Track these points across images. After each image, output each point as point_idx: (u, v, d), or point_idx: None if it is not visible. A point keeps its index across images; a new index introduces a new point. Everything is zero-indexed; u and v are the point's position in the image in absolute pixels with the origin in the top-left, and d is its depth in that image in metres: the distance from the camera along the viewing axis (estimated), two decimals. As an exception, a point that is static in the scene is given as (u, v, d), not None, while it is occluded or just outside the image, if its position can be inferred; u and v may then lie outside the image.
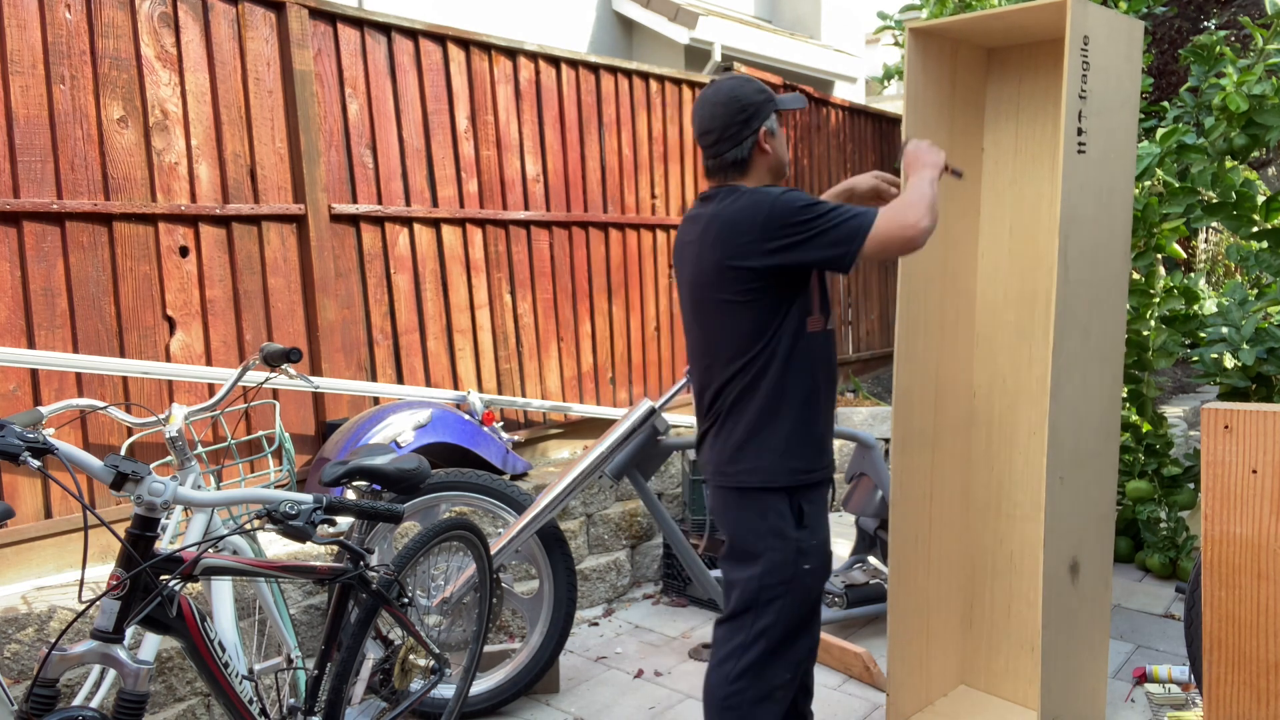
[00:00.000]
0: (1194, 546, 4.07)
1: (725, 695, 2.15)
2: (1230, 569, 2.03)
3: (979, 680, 3.11)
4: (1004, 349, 2.98)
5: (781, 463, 2.13)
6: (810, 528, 2.17)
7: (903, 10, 6.10)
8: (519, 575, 3.70)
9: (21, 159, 2.88)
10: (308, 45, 3.50)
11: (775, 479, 2.13)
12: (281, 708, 2.48)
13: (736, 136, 2.16)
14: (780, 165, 2.23)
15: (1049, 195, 2.86)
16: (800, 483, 2.16)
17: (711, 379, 2.19)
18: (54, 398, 2.96)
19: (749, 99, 2.15)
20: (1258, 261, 4.06)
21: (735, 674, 2.15)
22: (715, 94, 2.18)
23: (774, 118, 2.18)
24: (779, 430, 2.13)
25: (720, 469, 2.19)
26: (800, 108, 2.26)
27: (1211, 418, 2.02)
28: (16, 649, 2.55)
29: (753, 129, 2.15)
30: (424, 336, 3.96)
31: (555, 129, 4.42)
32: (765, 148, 2.17)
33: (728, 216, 2.09)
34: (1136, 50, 2.61)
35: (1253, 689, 2.02)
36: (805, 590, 2.17)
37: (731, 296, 2.09)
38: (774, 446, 2.13)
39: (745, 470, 2.15)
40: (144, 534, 1.70)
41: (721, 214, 2.10)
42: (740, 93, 2.15)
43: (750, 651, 2.15)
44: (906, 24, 2.81)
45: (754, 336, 2.10)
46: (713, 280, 2.11)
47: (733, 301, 2.09)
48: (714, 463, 2.21)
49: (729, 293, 2.09)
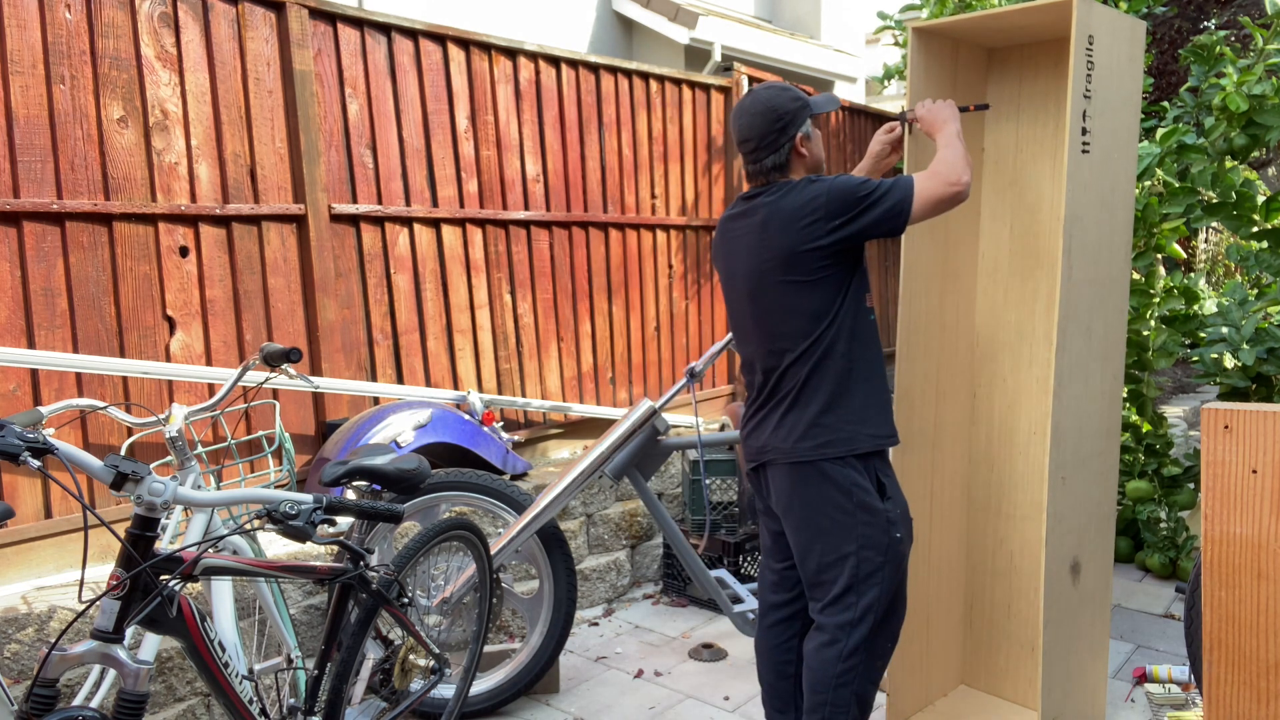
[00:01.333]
0: (1194, 546, 4.07)
1: (840, 673, 2.25)
2: (1230, 569, 2.03)
3: (979, 680, 3.11)
4: (1004, 349, 2.98)
5: (860, 429, 2.25)
6: (893, 498, 2.30)
7: (903, 10, 6.10)
8: (519, 575, 3.70)
9: (21, 159, 2.88)
10: (308, 45, 3.50)
11: (857, 445, 2.24)
12: (281, 708, 2.48)
13: (774, 144, 2.29)
14: (818, 164, 2.36)
15: (1050, 195, 2.86)
16: (879, 448, 2.28)
17: (777, 361, 2.29)
18: (54, 398, 2.95)
19: (784, 108, 2.28)
20: (1258, 261, 4.05)
21: (848, 651, 2.24)
22: (753, 104, 2.32)
23: (808, 123, 2.31)
24: (854, 401, 2.26)
25: (795, 445, 2.26)
26: (834, 108, 2.38)
27: (1211, 418, 2.02)
28: (16, 649, 2.55)
29: (789, 136, 2.29)
30: (424, 336, 3.96)
31: (555, 129, 4.42)
32: (802, 151, 2.31)
33: (790, 205, 2.23)
34: (1139, 50, 2.61)
35: (1253, 689, 2.02)
36: (899, 559, 2.29)
37: (801, 277, 2.22)
38: (851, 417, 2.25)
39: (824, 443, 2.24)
40: (144, 534, 1.70)
41: (781, 204, 2.24)
42: (776, 102, 2.28)
43: (860, 628, 2.25)
44: (910, 23, 2.82)
45: (821, 315, 2.24)
46: (779, 265, 2.23)
47: (802, 282, 2.23)
48: (786, 441, 2.28)
49: (799, 274, 2.22)
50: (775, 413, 2.31)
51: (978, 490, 3.06)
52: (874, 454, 2.28)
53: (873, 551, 2.24)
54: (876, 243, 6.70)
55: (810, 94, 2.39)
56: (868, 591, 2.25)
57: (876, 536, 2.25)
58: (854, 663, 2.25)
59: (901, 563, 2.30)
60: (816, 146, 2.35)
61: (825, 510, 2.25)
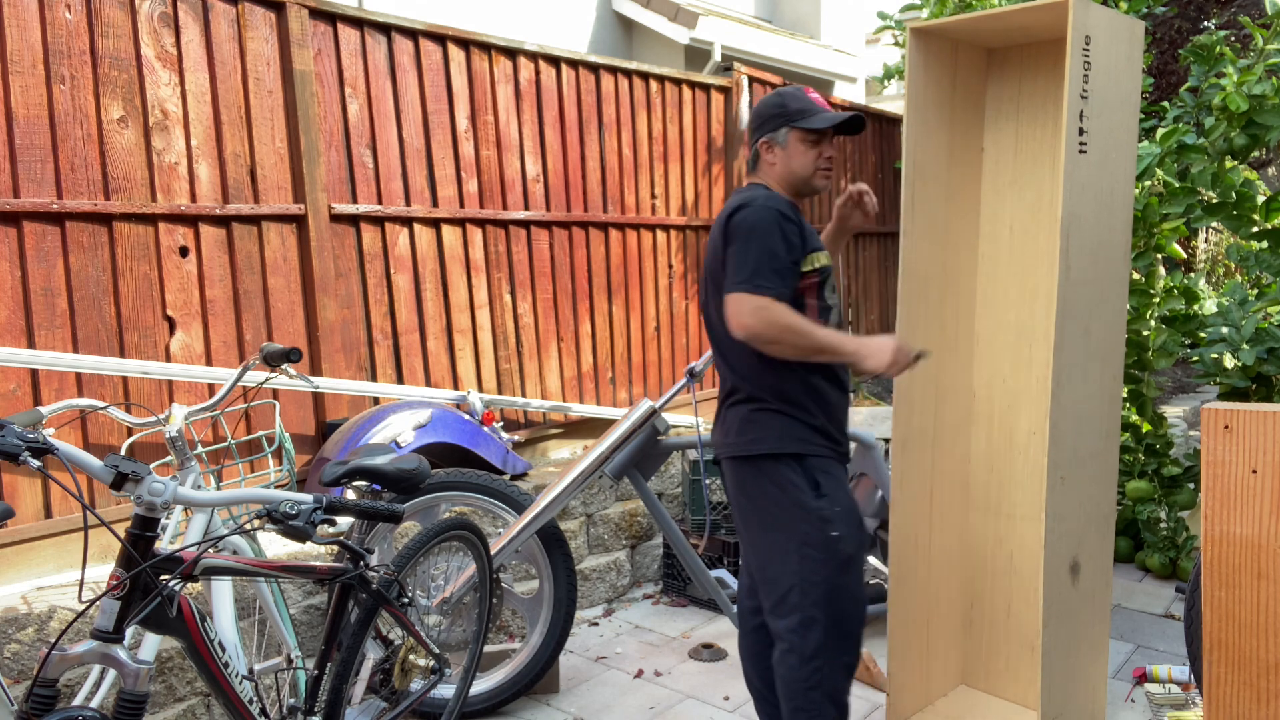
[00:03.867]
0: (1194, 546, 4.07)
1: (806, 677, 2.22)
2: (1230, 569, 2.03)
3: (979, 680, 3.11)
4: (1004, 349, 2.98)
5: (794, 430, 2.24)
6: (829, 496, 2.24)
7: (903, 10, 6.10)
8: (519, 575, 3.70)
9: (21, 159, 2.88)
10: (308, 45, 3.50)
11: (787, 445, 2.23)
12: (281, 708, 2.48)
13: (751, 141, 2.39)
14: (790, 177, 2.33)
15: (1049, 195, 2.86)
16: (809, 451, 2.24)
17: (727, 357, 2.34)
18: (54, 398, 2.95)
19: (765, 111, 2.34)
20: (1258, 261, 4.05)
21: (808, 655, 2.22)
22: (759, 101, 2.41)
23: (784, 132, 2.30)
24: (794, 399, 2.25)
25: (735, 439, 2.29)
26: (825, 125, 2.27)
27: (1211, 418, 2.02)
28: (16, 649, 2.55)
29: (756, 138, 2.36)
30: (424, 336, 3.96)
31: (555, 129, 4.42)
32: (769, 159, 2.35)
33: (723, 211, 2.29)
34: (1137, 50, 2.61)
35: (1253, 689, 2.02)
36: (842, 558, 2.23)
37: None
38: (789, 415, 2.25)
39: (756, 438, 2.26)
40: (144, 534, 1.70)
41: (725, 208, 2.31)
42: (764, 103, 2.35)
43: (814, 631, 2.22)
44: (908, 24, 2.82)
45: None
46: (720, 266, 2.28)
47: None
48: (729, 435, 2.32)
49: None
50: (724, 408, 2.37)
51: (977, 490, 3.06)
52: (810, 455, 2.25)
53: (813, 550, 2.21)
54: (876, 242, 6.70)
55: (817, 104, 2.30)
56: (812, 591, 2.21)
57: (814, 535, 2.21)
58: (817, 665, 2.22)
59: (848, 563, 2.24)
60: (792, 159, 2.31)
61: (764, 506, 2.26)
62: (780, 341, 2.13)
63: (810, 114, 2.30)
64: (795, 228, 2.23)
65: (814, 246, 2.28)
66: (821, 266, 2.28)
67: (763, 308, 2.12)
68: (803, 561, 2.21)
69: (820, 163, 2.32)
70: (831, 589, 2.22)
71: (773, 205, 2.21)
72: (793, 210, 2.26)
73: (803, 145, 2.30)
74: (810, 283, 2.26)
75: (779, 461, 2.23)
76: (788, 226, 2.21)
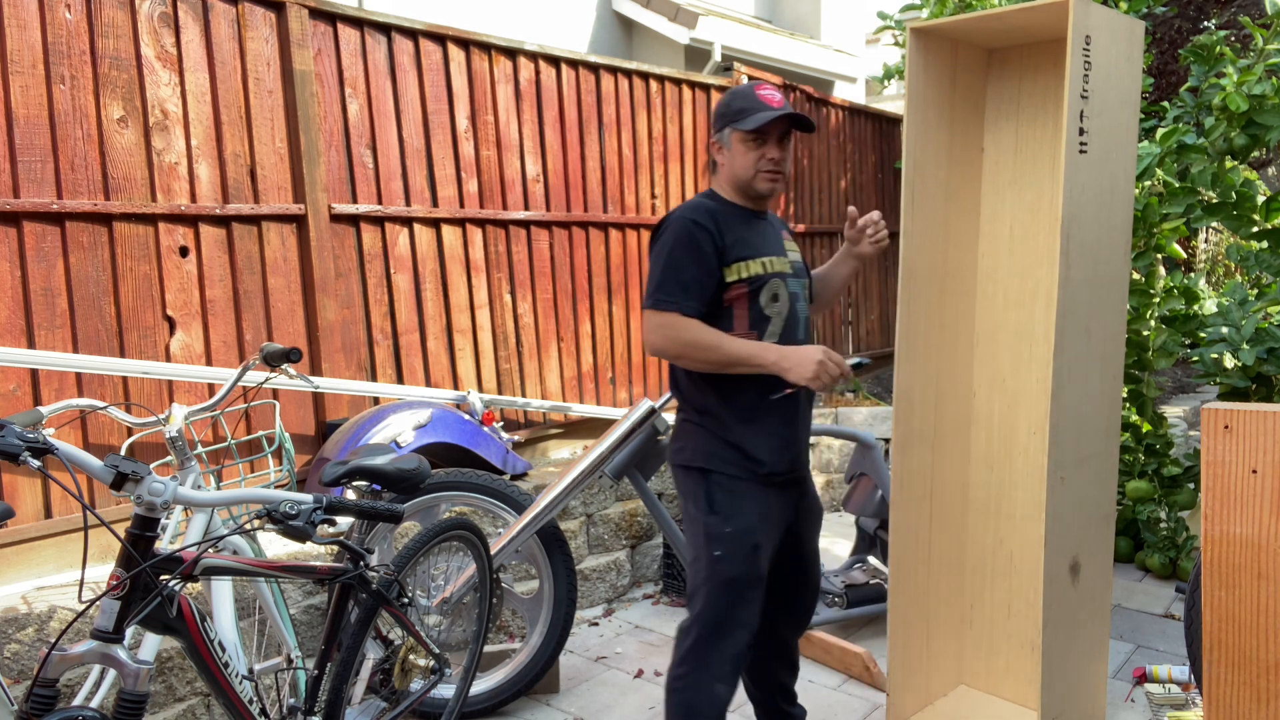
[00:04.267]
0: (1194, 546, 4.07)
1: (674, 677, 2.20)
2: (1230, 569, 2.03)
3: (979, 680, 3.11)
4: (1004, 349, 2.98)
5: (703, 445, 2.23)
6: (721, 514, 2.19)
7: (903, 10, 6.10)
8: (519, 575, 3.70)
9: (21, 159, 2.88)
10: (308, 45, 3.50)
11: (694, 460, 2.24)
12: (281, 708, 2.48)
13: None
14: (734, 180, 2.25)
15: (1049, 195, 2.86)
16: (715, 468, 2.21)
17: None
18: (54, 398, 2.95)
19: (716, 110, 2.29)
20: (1258, 261, 4.05)
21: (680, 656, 2.20)
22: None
23: (728, 133, 2.23)
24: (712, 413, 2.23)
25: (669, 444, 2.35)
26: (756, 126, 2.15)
27: (1211, 418, 2.02)
28: (16, 649, 2.55)
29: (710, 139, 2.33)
30: (424, 336, 3.96)
31: (555, 129, 4.42)
32: (717, 159, 2.29)
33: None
34: (1137, 50, 2.61)
35: (1253, 689, 2.02)
36: (720, 579, 2.17)
37: None
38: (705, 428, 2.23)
39: (678, 448, 2.30)
40: (144, 534, 1.70)
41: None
42: (718, 102, 2.30)
43: (690, 635, 2.20)
44: (907, 24, 2.81)
45: None
46: None
47: None
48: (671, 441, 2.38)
49: None
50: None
51: (977, 490, 3.06)
52: (715, 472, 2.21)
53: (701, 565, 2.20)
54: (876, 243, 6.69)
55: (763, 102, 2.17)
56: (697, 602, 2.20)
57: (700, 550, 2.20)
58: (684, 670, 2.18)
59: (729, 585, 2.17)
60: (735, 161, 2.22)
61: (683, 510, 2.30)
62: (685, 357, 2.12)
63: (749, 113, 2.18)
64: (709, 235, 2.14)
65: (739, 255, 2.18)
66: (753, 276, 2.18)
67: (664, 324, 2.10)
68: (695, 572, 2.22)
69: (762, 164, 2.20)
70: (708, 604, 2.18)
71: (686, 215, 2.16)
72: (714, 217, 2.17)
73: (743, 146, 2.21)
74: (738, 293, 2.18)
75: (689, 473, 2.26)
76: (700, 235, 2.14)
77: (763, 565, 2.22)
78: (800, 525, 2.40)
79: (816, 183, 6.11)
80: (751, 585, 2.20)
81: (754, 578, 2.20)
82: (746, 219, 2.25)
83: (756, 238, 2.23)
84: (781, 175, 2.23)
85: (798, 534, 2.40)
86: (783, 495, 2.28)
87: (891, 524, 2.80)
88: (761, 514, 2.22)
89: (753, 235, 2.23)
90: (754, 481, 2.22)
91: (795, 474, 2.31)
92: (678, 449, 2.30)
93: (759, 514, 2.22)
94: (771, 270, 2.22)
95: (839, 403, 5.80)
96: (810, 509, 2.43)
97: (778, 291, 2.22)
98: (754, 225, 2.25)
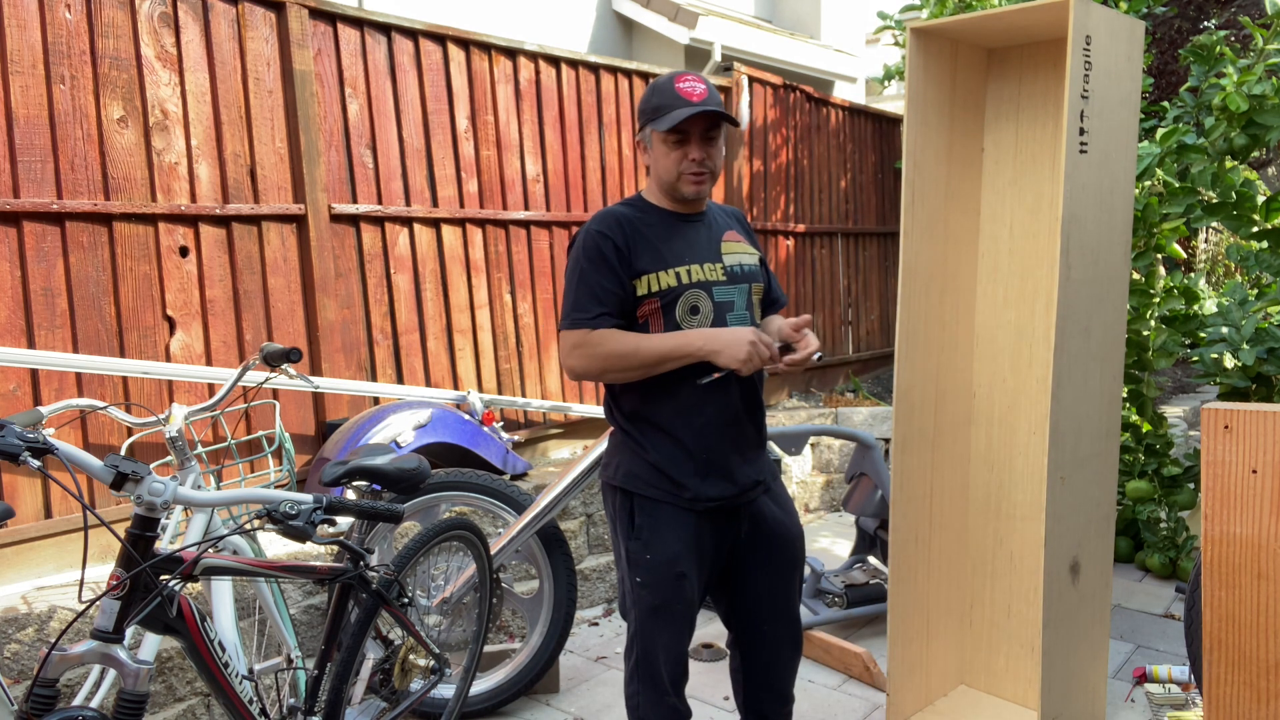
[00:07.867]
0: (1194, 546, 4.07)
1: (629, 695, 2.16)
2: (1230, 569, 2.03)
3: (979, 680, 3.11)
4: (1004, 349, 2.98)
5: (624, 465, 2.11)
6: (641, 540, 2.05)
7: (903, 10, 6.10)
8: (519, 575, 3.70)
9: (21, 159, 2.88)
10: (308, 45, 3.50)
11: (614, 477, 2.13)
12: (281, 708, 2.48)
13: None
14: (659, 182, 2.08)
15: (1049, 195, 2.86)
16: (637, 490, 2.07)
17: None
18: (54, 398, 2.95)
19: (638, 107, 2.12)
20: (1258, 261, 4.05)
21: (627, 677, 2.16)
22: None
23: (648, 132, 2.06)
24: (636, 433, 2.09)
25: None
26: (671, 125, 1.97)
27: (1211, 418, 2.02)
28: (16, 649, 2.55)
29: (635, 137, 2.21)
30: (424, 336, 3.96)
31: (555, 129, 4.42)
32: (645, 161, 2.12)
33: None
34: (1137, 50, 2.61)
35: (1253, 689, 2.02)
36: (646, 607, 2.06)
37: None
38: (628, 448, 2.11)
39: (605, 464, 2.18)
40: (144, 534, 1.70)
41: None
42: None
43: (631, 656, 2.14)
44: (907, 24, 2.81)
45: None
46: None
47: None
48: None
49: None
50: None
51: (977, 490, 3.06)
52: (637, 494, 2.07)
53: (627, 588, 2.11)
54: (876, 242, 6.70)
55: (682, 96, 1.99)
56: (630, 623, 2.11)
57: (624, 573, 2.11)
58: (634, 689, 2.12)
59: (652, 612, 2.05)
60: (657, 162, 2.05)
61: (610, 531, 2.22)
62: (610, 371, 1.98)
63: (666, 110, 1.98)
64: (613, 244, 1.99)
65: (645, 268, 2.00)
66: (664, 289, 2.00)
67: (577, 344, 1.98)
68: (622, 593, 2.16)
69: (685, 166, 2.01)
70: (639, 629, 2.09)
71: (592, 226, 2.03)
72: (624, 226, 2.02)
73: (664, 146, 2.02)
74: (650, 308, 2.01)
75: (613, 492, 2.14)
76: (605, 246, 1.99)
77: (689, 591, 2.06)
78: (755, 563, 2.15)
79: (816, 183, 6.11)
80: (677, 613, 2.07)
81: (680, 605, 2.06)
82: (672, 224, 2.07)
83: (678, 244, 2.04)
84: (708, 174, 2.04)
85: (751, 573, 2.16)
86: (716, 527, 2.08)
87: (891, 524, 2.80)
88: (686, 543, 2.04)
89: (674, 242, 2.04)
90: (677, 507, 2.05)
91: (741, 500, 2.09)
92: (605, 464, 2.18)
93: (683, 543, 2.04)
94: (690, 280, 2.02)
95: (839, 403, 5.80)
96: (768, 543, 2.15)
97: (697, 303, 2.02)
98: (679, 230, 2.07)
